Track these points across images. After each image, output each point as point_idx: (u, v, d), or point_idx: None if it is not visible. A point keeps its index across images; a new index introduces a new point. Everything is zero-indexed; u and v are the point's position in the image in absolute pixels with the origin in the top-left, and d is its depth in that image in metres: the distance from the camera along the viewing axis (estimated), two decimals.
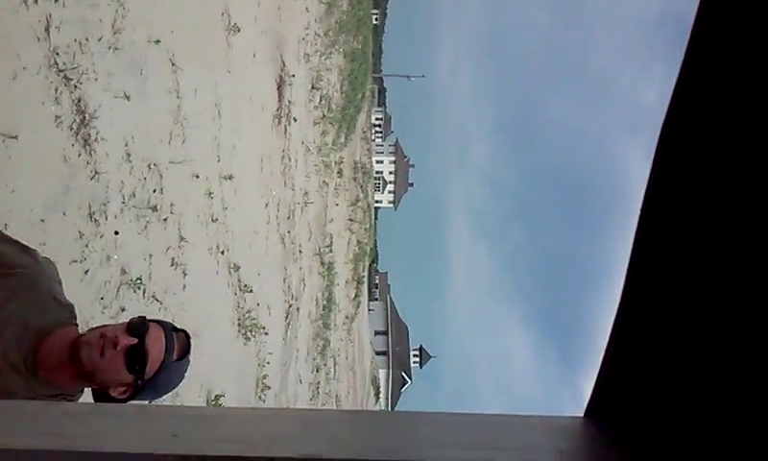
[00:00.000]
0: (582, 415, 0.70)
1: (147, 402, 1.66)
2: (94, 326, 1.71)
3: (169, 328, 1.70)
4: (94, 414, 0.72)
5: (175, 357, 1.68)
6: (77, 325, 1.74)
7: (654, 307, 0.60)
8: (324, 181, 15.27)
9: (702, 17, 0.47)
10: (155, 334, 1.65)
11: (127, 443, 0.63)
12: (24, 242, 1.78)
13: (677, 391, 0.60)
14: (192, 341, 1.76)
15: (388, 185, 73.14)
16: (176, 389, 1.76)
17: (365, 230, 26.19)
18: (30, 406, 0.73)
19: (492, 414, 0.71)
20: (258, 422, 0.71)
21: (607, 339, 0.65)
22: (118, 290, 4.64)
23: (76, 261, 4.15)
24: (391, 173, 73.67)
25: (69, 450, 0.62)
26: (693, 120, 0.51)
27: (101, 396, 1.65)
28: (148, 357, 1.61)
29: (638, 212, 0.57)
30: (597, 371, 0.67)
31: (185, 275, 5.88)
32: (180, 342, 1.71)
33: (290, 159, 11.29)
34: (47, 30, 3.95)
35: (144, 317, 1.69)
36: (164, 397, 1.72)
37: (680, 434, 0.60)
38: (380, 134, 73.78)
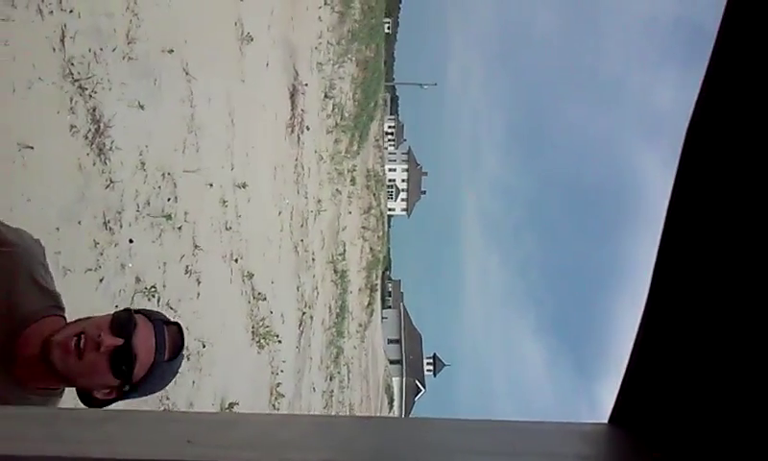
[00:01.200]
0: (605, 421, 0.68)
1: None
2: (74, 320, 1.50)
3: (159, 324, 1.49)
4: (108, 420, 0.72)
5: (166, 357, 1.47)
6: (63, 316, 1.54)
7: (678, 313, 0.59)
8: (336, 190, 15.31)
9: (726, 24, 0.46)
10: (143, 333, 1.44)
11: (141, 449, 0.62)
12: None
13: (702, 397, 0.59)
14: (185, 334, 1.56)
15: (401, 193, 73.16)
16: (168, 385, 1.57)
17: (378, 237, 26.20)
18: (43, 412, 0.72)
19: (510, 420, 0.70)
20: (272, 427, 0.70)
21: (630, 345, 0.64)
22: (133, 298, 4.66)
23: (91, 270, 4.18)
24: (403, 181, 73.66)
25: (84, 457, 0.61)
26: (718, 126, 0.50)
27: (84, 395, 1.48)
28: (136, 360, 1.41)
29: (657, 218, 0.56)
30: (621, 377, 0.66)
31: (199, 283, 5.90)
32: (171, 337, 1.50)
33: (303, 168, 11.32)
34: (62, 40, 3.99)
35: (130, 311, 1.48)
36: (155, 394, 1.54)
37: (705, 440, 0.59)
38: (393, 142, 73.85)
